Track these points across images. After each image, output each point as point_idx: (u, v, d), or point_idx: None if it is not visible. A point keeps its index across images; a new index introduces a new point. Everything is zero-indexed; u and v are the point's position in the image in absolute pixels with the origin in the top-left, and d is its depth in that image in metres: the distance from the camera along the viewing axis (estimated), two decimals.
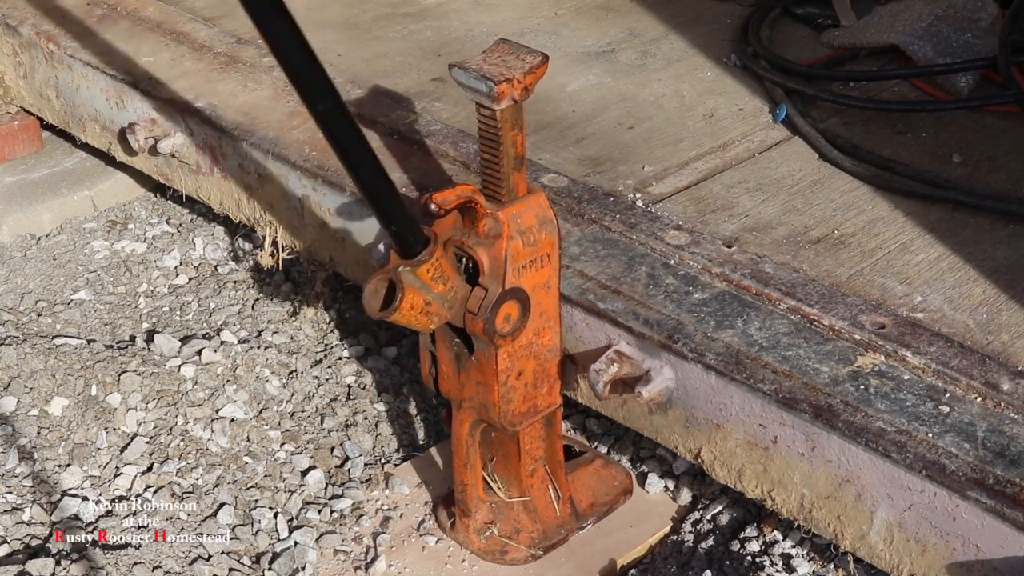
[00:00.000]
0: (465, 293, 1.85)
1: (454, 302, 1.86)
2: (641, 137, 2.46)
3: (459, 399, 1.99)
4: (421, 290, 1.83)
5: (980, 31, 2.66)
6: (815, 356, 1.81)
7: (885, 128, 2.47)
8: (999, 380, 1.76)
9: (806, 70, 2.63)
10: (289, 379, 2.54)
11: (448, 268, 1.85)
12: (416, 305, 1.82)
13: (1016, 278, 2.03)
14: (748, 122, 2.51)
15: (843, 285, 1.99)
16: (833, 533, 1.79)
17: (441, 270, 1.84)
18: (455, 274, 1.86)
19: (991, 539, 1.61)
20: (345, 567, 2.14)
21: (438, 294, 1.84)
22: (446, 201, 1.75)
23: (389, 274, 1.81)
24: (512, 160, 1.81)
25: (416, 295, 1.82)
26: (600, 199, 2.18)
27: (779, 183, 2.30)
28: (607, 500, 2.20)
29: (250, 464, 2.34)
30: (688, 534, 2.17)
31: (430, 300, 1.83)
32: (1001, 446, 1.65)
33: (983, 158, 2.38)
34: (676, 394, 1.89)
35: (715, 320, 1.89)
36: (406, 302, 1.80)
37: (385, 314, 1.81)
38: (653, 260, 2.03)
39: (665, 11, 2.98)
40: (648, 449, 2.36)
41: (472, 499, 2.08)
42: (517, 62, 1.76)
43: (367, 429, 2.45)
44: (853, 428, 1.69)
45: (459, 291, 1.86)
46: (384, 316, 1.82)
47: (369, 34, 2.87)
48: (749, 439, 1.82)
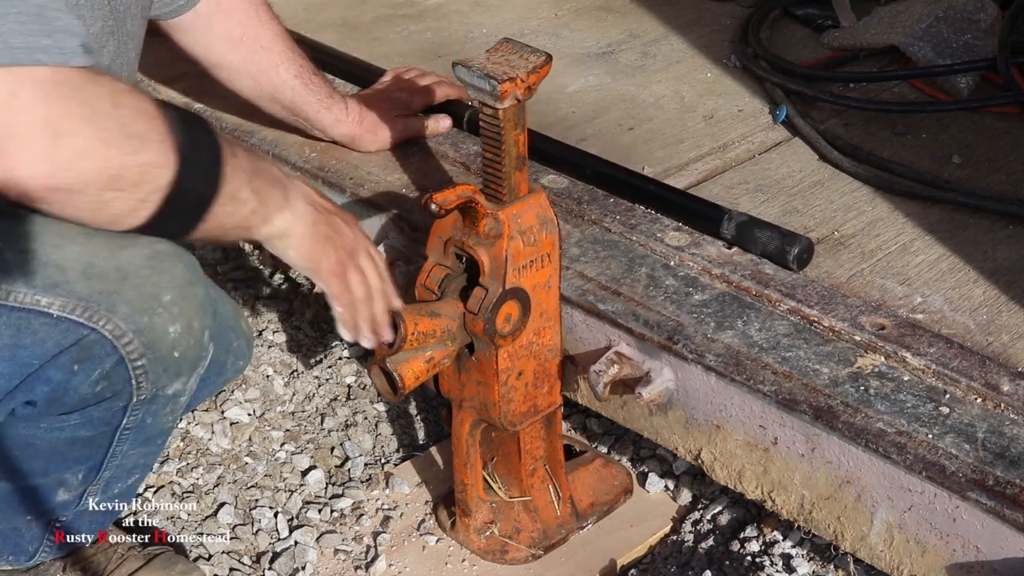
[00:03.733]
0: (456, 312, 1.86)
1: (454, 332, 1.87)
2: (641, 138, 2.46)
3: (459, 399, 1.99)
4: (416, 357, 1.85)
5: (980, 32, 2.66)
6: (815, 357, 1.82)
7: (885, 129, 2.47)
8: (999, 381, 1.76)
9: (806, 71, 2.64)
10: (291, 379, 2.54)
11: (426, 322, 1.85)
12: (419, 373, 1.86)
13: (1016, 279, 2.04)
14: (748, 123, 2.51)
15: (843, 286, 2.00)
16: (833, 534, 1.79)
17: (421, 335, 1.84)
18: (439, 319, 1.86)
19: (991, 540, 1.61)
20: (345, 566, 2.14)
21: (433, 344, 1.86)
22: (447, 201, 1.75)
23: (379, 364, 1.85)
24: (514, 159, 1.81)
25: (413, 365, 1.85)
26: (600, 200, 2.18)
27: (779, 184, 2.31)
28: (607, 500, 2.20)
29: (250, 464, 2.35)
30: (688, 534, 2.17)
31: (430, 356, 1.86)
32: (1001, 447, 1.65)
33: (983, 159, 2.39)
34: (676, 395, 1.89)
35: (715, 321, 1.89)
36: (409, 378, 1.85)
37: (399, 396, 1.86)
38: (653, 261, 2.03)
39: (665, 12, 2.98)
40: (648, 449, 2.36)
41: (472, 499, 2.08)
42: (521, 61, 1.76)
43: (367, 429, 2.45)
44: (853, 429, 1.70)
45: (451, 321, 1.86)
46: (400, 397, 1.86)
47: (369, 35, 2.87)
48: (749, 440, 1.83)
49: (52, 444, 1.71)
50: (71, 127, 1.39)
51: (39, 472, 1.76)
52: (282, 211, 1.66)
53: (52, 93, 1.37)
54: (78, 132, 1.39)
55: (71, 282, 1.54)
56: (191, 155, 1.51)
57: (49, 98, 1.37)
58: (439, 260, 1.89)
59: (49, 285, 1.54)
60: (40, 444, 1.71)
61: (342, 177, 2.26)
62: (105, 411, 1.65)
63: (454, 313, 1.86)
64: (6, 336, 1.55)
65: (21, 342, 1.55)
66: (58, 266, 1.54)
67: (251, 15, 2.12)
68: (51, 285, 1.54)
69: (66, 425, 1.67)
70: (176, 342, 1.60)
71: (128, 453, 1.75)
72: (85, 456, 1.74)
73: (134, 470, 1.81)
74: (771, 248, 2.00)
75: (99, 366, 1.58)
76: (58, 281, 1.54)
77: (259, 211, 1.62)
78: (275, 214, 1.65)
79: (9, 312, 1.54)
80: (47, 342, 1.56)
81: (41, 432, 1.68)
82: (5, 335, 1.55)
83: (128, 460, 1.77)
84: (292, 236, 1.68)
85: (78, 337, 1.55)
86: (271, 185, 1.65)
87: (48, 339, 1.55)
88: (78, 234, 1.54)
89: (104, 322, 1.55)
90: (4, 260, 1.54)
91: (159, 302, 1.57)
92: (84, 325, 1.55)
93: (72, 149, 1.39)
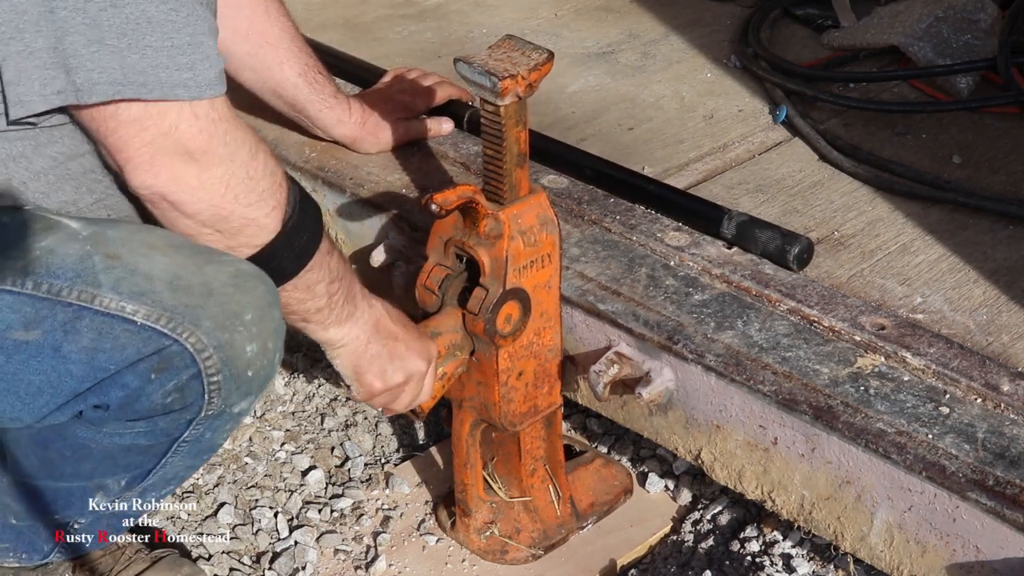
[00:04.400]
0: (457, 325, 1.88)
1: (459, 343, 1.89)
2: (641, 138, 2.46)
3: (460, 399, 1.99)
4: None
5: (980, 32, 2.66)
6: (815, 357, 1.82)
7: (885, 129, 2.47)
8: (999, 381, 1.76)
9: (806, 71, 2.64)
10: (291, 379, 2.54)
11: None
12: (436, 393, 1.90)
13: (1016, 279, 2.04)
14: (748, 123, 2.51)
15: (843, 286, 2.00)
16: (833, 534, 1.79)
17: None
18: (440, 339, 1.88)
19: (991, 540, 1.62)
20: (345, 566, 2.14)
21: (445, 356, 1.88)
22: (447, 201, 1.75)
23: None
24: (515, 157, 1.81)
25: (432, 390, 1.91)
26: (600, 200, 2.18)
27: (779, 184, 2.31)
28: (607, 500, 2.20)
29: (250, 464, 2.35)
30: (688, 534, 2.17)
31: (442, 373, 1.89)
32: (1001, 447, 1.65)
33: (983, 159, 2.39)
34: (676, 395, 1.89)
35: (715, 321, 1.89)
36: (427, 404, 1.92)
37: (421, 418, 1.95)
38: (653, 261, 2.03)
39: (665, 12, 2.98)
40: (648, 449, 2.36)
41: (472, 499, 2.08)
42: (523, 58, 1.76)
43: (367, 429, 2.45)
44: (853, 429, 1.70)
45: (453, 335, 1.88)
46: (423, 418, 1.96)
47: (369, 35, 2.87)
48: (749, 440, 1.83)
49: (108, 449, 1.71)
50: (208, 160, 1.52)
51: (85, 475, 1.76)
52: (342, 325, 1.75)
53: (206, 129, 1.51)
54: (210, 166, 1.52)
55: (157, 292, 1.56)
56: (293, 233, 1.62)
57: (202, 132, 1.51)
58: (439, 260, 1.89)
59: (135, 293, 1.55)
60: (96, 448, 1.71)
61: (342, 177, 2.26)
62: (171, 422, 1.66)
63: (455, 326, 1.87)
64: (86, 339, 1.56)
65: (101, 346, 1.56)
66: (146, 275, 1.56)
67: (259, 11, 2.12)
68: (137, 293, 1.55)
69: (129, 432, 1.68)
70: (252, 361, 1.62)
71: (176, 464, 1.76)
72: (137, 463, 1.75)
73: (172, 481, 1.82)
74: (771, 248, 2.00)
75: (176, 377, 1.59)
76: (144, 290, 1.55)
77: (323, 312, 1.72)
78: (334, 326, 1.74)
79: (93, 315, 1.55)
80: (127, 348, 1.57)
81: (101, 436, 1.69)
82: (86, 337, 1.55)
83: (172, 471, 1.78)
84: (343, 349, 1.78)
85: (159, 347, 1.57)
86: (346, 298, 1.74)
87: (129, 345, 1.56)
88: (166, 245, 1.58)
89: (187, 335, 1.57)
90: (92, 264, 1.55)
91: (241, 320, 1.59)
92: (167, 335, 1.56)
93: (198, 178, 1.53)
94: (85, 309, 1.55)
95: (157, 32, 1.47)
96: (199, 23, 1.50)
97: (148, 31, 1.46)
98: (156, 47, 1.47)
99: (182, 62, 1.48)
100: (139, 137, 1.50)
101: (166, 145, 1.50)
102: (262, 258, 1.61)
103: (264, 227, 1.60)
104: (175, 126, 1.50)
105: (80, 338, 1.55)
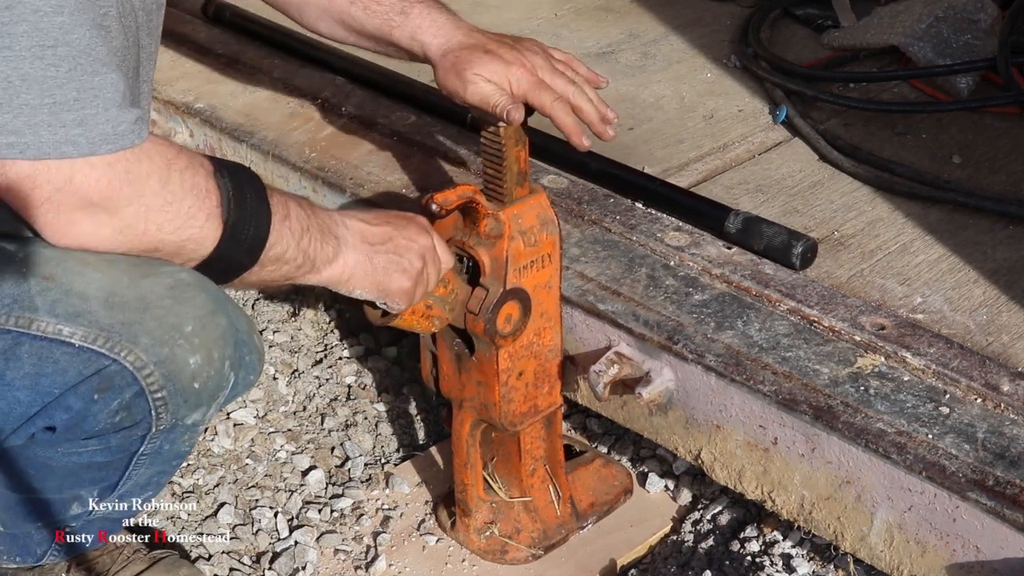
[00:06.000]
0: (466, 295, 1.86)
1: (455, 304, 1.86)
2: (641, 138, 2.46)
3: (460, 399, 1.99)
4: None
5: (980, 32, 2.66)
6: (815, 357, 1.82)
7: (885, 129, 2.48)
8: (999, 381, 1.76)
9: (806, 71, 2.64)
10: (292, 379, 2.54)
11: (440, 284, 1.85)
12: (417, 310, 1.83)
13: (1016, 279, 2.04)
14: (748, 123, 2.51)
15: (843, 286, 2.00)
16: (833, 534, 1.79)
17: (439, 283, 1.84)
18: (455, 276, 1.86)
19: (991, 540, 1.62)
20: (345, 566, 2.14)
21: (439, 297, 1.84)
22: (447, 201, 1.75)
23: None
24: (515, 176, 1.82)
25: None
26: (600, 200, 2.18)
27: (779, 184, 2.31)
28: (607, 500, 2.20)
29: (250, 464, 2.35)
30: (688, 534, 2.17)
31: (431, 304, 1.84)
32: (1001, 447, 1.65)
33: (983, 159, 2.39)
34: (676, 395, 1.89)
35: (715, 321, 1.89)
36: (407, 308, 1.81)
37: (386, 320, 1.82)
38: (653, 261, 2.03)
39: (665, 12, 2.98)
40: (648, 449, 2.36)
41: (472, 499, 2.08)
42: None
43: (367, 429, 2.45)
44: (853, 429, 1.70)
45: (460, 293, 1.86)
46: (386, 323, 1.82)
47: None
48: (749, 440, 1.83)
49: (68, 467, 1.71)
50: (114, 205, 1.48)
51: (54, 490, 1.76)
52: (334, 262, 1.70)
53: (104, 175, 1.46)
54: (119, 210, 1.48)
55: (93, 311, 1.54)
56: (237, 230, 1.57)
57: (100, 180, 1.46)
58: None
59: (71, 314, 1.53)
60: (56, 466, 1.71)
61: (342, 177, 2.26)
62: (123, 439, 1.65)
63: (463, 290, 1.86)
64: (28, 365, 1.55)
65: (43, 371, 1.55)
66: (80, 294, 1.54)
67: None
68: (73, 314, 1.53)
69: (84, 451, 1.67)
70: (196, 373, 1.60)
71: (143, 474, 1.76)
72: (100, 478, 1.75)
73: (148, 487, 1.82)
74: (776, 243, 2.00)
75: (119, 396, 1.58)
76: (80, 310, 1.54)
77: (306, 264, 1.67)
78: (326, 267, 1.69)
79: (32, 341, 1.54)
80: (68, 371, 1.55)
81: (58, 455, 1.68)
82: (27, 364, 1.54)
83: (144, 478, 1.78)
84: (353, 278, 1.72)
85: (99, 367, 1.55)
86: (322, 241, 1.68)
87: (70, 368, 1.55)
88: (101, 261, 1.55)
89: (125, 353, 1.55)
90: (28, 287, 1.53)
91: (180, 333, 1.57)
92: (105, 356, 1.55)
93: (110, 225, 1.49)
94: (24, 335, 1.53)
95: (34, 90, 1.41)
96: (88, 77, 1.44)
97: (23, 89, 1.41)
98: (34, 105, 1.42)
99: (68, 119, 1.43)
100: (35, 194, 1.45)
101: (65, 201, 1.45)
102: (215, 262, 1.58)
103: (203, 240, 1.55)
104: (69, 179, 1.44)
105: (22, 364, 1.54)
